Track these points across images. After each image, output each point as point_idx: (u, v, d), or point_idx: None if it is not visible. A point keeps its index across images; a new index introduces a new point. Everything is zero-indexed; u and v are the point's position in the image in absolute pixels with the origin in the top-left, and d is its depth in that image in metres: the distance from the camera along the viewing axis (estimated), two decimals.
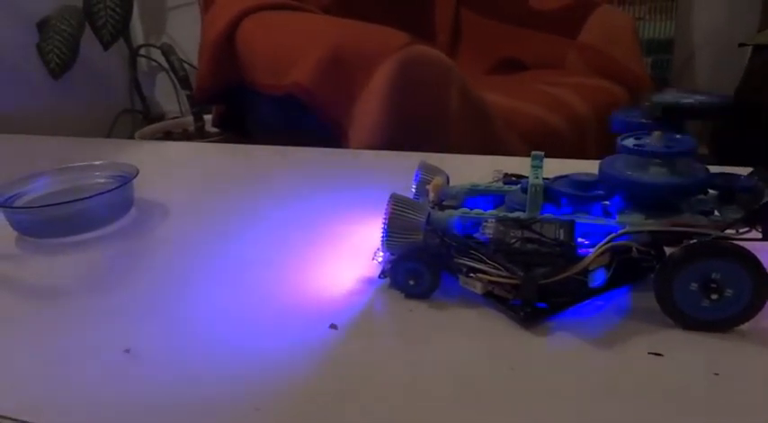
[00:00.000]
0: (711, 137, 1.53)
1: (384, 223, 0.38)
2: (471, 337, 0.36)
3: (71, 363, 0.36)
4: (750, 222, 0.36)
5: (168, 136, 1.65)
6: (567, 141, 1.11)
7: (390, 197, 0.39)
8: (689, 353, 0.34)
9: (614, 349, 0.34)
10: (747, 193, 0.37)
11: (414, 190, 0.45)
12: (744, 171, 0.40)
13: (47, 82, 1.49)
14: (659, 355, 0.33)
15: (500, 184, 0.45)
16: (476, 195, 0.44)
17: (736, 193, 0.37)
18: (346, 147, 0.97)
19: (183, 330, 0.39)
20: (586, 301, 0.38)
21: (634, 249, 0.36)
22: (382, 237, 0.39)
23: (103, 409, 0.32)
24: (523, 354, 0.34)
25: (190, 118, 1.62)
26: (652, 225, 0.36)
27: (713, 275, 0.34)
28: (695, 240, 0.34)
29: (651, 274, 0.35)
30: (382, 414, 0.31)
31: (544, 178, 0.42)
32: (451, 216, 0.40)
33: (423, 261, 0.38)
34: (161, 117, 1.91)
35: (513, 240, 0.36)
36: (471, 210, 0.40)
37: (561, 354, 0.34)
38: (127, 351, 0.36)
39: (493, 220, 0.37)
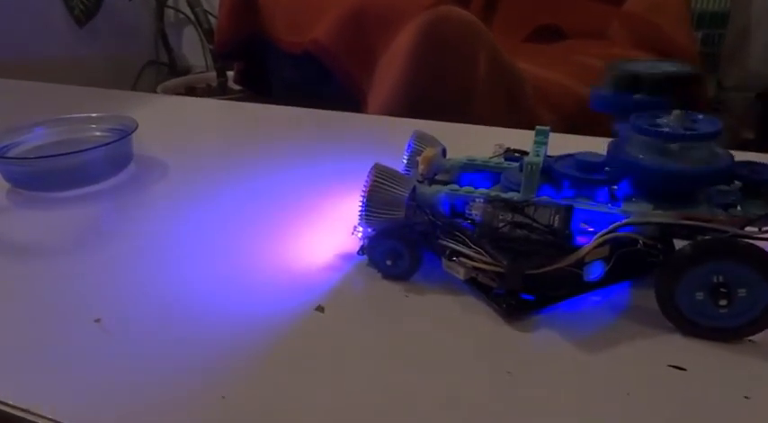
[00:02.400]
0: (759, 120, 1.42)
1: (363, 196, 0.35)
2: (447, 327, 0.33)
3: (44, 325, 0.34)
4: None
5: (191, 91, 1.63)
6: (601, 116, 1.04)
7: (373, 167, 0.36)
8: (703, 365, 0.30)
9: (605, 353, 0.31)
10: None
11: (405, 161, 0.41)
12: None
13: (72, 30, 1.48)
14: (682, 369, 0.29)
15: (500, 159, 0.41)
16: (472, 170, 0.40)
17: (761, 186, 0.33)
18: (365, 112, 0.93)
19: (155, 299, 0.37)
20: (580, 296, 0.34)
21: (641, 243, 0.32)
22: (360, 210, 0.35)
23: (74, 381, 0.30)
24: (504, 352, 0.31)
25: (213, 73, 1.59)
26: (660, 216, 0.32)
27: (723, 278, 0.29)
28: (707, 237, 0.30)
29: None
30: (352, 411, 0.28)
31: (548, 156, 0.38)
32: (438, 192, 0.36)
33: (403, 240, 0.35)
34: (187, 70, 1.88)
35: (502, 224, 0.33)
36: (462, 186, 0.37)
37: (547, 355, 0.31)
38: (97, 321, 0.34)
39: (481, 200, 0.34)
